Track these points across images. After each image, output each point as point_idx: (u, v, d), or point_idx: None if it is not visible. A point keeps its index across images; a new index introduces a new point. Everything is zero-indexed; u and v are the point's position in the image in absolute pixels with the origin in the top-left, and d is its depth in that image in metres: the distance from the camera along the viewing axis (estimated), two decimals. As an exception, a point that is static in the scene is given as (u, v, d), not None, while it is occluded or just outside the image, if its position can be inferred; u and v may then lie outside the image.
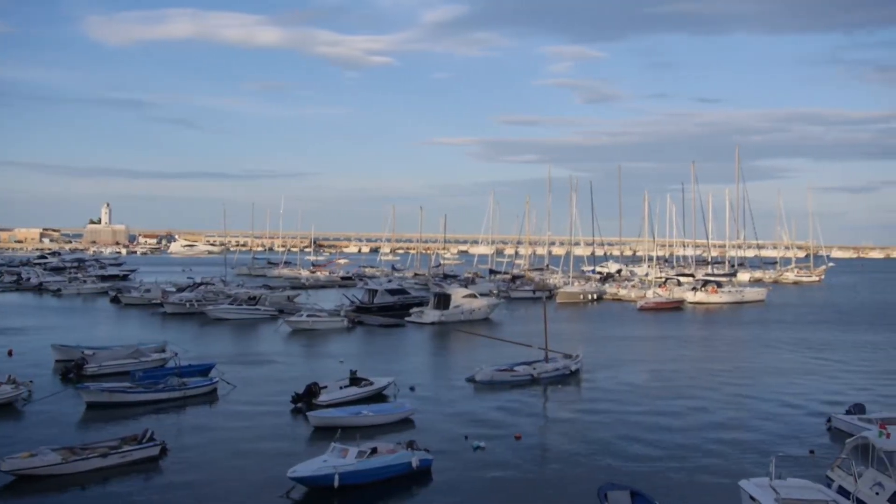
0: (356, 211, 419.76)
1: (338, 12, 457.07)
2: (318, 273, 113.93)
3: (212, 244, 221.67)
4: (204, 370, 36.30)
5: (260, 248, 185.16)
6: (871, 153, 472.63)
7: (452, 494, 21.58)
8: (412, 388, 34.49)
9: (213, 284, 76.55)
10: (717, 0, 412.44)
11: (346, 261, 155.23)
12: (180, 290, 72.79)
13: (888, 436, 19.76)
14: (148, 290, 72.97)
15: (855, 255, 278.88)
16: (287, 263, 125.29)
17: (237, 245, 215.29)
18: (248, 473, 22.84)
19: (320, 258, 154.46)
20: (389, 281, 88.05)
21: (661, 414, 31.24)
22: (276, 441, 26.29)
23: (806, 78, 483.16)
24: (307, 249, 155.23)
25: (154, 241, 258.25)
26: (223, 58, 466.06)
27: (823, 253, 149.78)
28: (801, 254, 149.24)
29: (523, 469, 23.69)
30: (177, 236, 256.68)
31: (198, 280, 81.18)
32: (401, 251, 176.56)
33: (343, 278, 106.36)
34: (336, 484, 20.85)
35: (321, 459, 21.93)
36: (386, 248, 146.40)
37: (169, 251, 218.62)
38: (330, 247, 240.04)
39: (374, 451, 22.32)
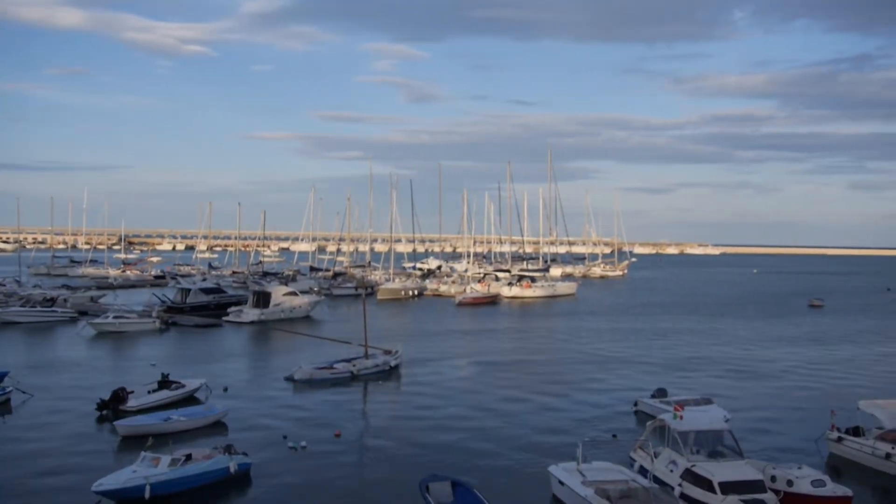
0: (170, 207, 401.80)
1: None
2: (129, 272, 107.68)
3: (4, 241, 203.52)
4: (-6, 379, 33.21)
5: (62, 246, 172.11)
6: (668, 157, 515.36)
7: (273, 497, 21.09)
8: (225, 389, 33.54)
9: (4, 286, 70.30)
10: (532, 8, 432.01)
11: (158, 259, 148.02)
12: (-35, 292, 66.27)
13: (682, 417, 21.51)
14: (-74, 294, 65.83)
15: (654, 251, 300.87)
16: (93, 262, 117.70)
17: (34, 242, 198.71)
18: (49, 491, 21.09)
19: (131, 256, 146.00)
20: (204, 279, 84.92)
21: (478, 405, 32.16)
22: (80, 453, 24.54)
23: (613, 86, 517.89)
24: (116, 247, 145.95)
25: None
26: (20, 38, 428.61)
27: (627, 249, 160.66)
28: (607, 250, 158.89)
29: (345, 467, 23.59)
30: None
31: (-14, 281, 74.22)
32: (218, 249, 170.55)
33: (156, 277, 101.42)
34: (147, 495, 19.81)
35: (130, 470, 20.76)
36: (202, 246, 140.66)
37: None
38: (141, 244, 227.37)
39: (188, 457, 21.44)
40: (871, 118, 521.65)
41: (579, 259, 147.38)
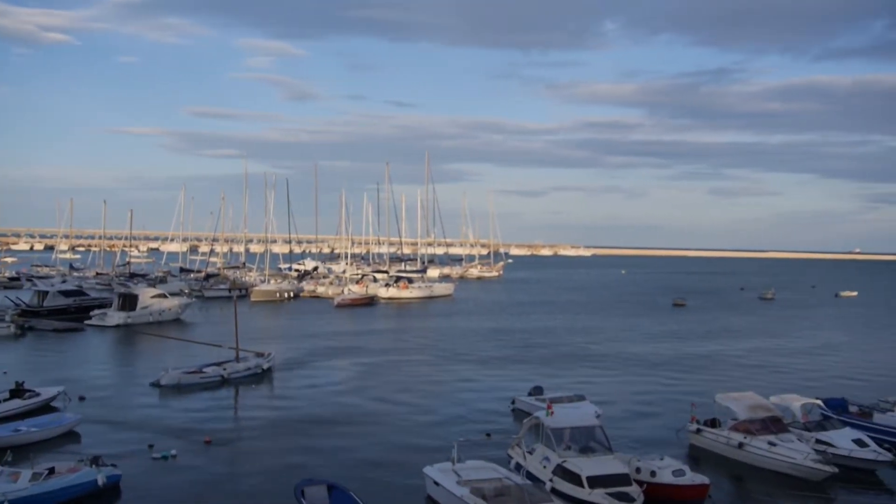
0: (26, 203, 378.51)
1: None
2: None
3: None
4: None
5: None
6: (542, 161, 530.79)
7: (139, 509, 20.24)
8: (81, 398, 31.82)
9: None
10: (406, 9, 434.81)
11: (13, 259, 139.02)
12: None
13: (552, 414, 22.14)
14: None
15: (529, 253, 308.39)
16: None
17: None
18: None
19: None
20: (64, 281, 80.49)
21: (354, 407, 32.00)
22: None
23: (489, 90, 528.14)
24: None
25: None
26: None
27: (503, 250, 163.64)
28: (484, 251, 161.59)
29: (217, 474, 22.89)
30: None
31: None
32: (81, 249, 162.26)
33: (10, 279, 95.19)
34: (4, 512, 18.53)
35: (-15, 486, 19.35)
36: (63, 245, 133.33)
37: None
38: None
39: (51, 471, 20.27)
40: (728, 128, 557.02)
41: (456, 260, 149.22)
